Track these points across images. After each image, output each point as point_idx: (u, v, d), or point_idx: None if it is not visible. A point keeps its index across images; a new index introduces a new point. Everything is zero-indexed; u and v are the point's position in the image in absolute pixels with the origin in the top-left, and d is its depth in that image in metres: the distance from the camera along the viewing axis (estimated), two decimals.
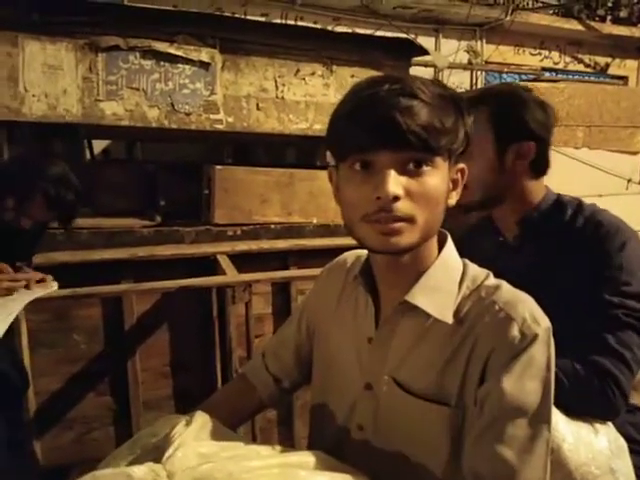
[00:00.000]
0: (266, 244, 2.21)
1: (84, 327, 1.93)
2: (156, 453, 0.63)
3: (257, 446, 0.67)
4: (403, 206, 0.62)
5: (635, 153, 2.68)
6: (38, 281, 1.64)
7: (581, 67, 6.19)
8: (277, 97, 2.27)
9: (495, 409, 0.63)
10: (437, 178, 0.64)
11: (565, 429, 0.80)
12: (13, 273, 1.57)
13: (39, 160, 1.65)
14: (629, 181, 2.72)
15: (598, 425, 0.84)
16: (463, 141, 0.66)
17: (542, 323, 0.65)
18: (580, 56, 6.09)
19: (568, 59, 6.03)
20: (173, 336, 2.05)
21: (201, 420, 0.69)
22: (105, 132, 2.51)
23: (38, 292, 1.58)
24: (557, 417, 0.81)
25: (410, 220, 0.63)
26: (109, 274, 1.91)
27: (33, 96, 1.91)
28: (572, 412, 0.84)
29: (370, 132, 0.61)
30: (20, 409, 1.80)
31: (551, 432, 0.76)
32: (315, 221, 2.34)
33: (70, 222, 1.70)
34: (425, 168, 0.62)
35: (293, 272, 1.94)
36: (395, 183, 0.61)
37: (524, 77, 4.43)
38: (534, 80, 2.91)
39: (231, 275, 1.80)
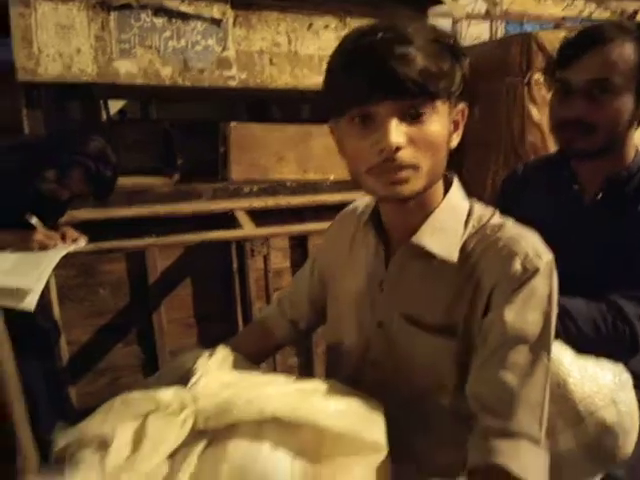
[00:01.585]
0: (283, 200, 2.24)
1: (110, 282, 2.01)
2: (181, 382, 0.68)
3: (275, 375, 0.72)
4: (406, 154, 0.63)
5: None
6: (73, 240, 1.71)
7: (607, 14, 5.92)
8: (290, 52, 2.24)
9: (498, 338, 0.66)
10: (438, 123, 0.64)
11: (571, 364, 0.83)
12: (45, 231, 1.64)
13: (80, 134, 1.69)
14: None
15: (604, 361, 0.87)
16: (460, 82, 0.66)
17: (544, 257, 0.67)
18: (606, 3, 5.82)
19: (594, 6, 5.76)
20: (196, 289, 2.12)
21: (223, 353, 0.74)
22: (120, 91, 2.52)
23: (69, 247, 1.65)
24: (564, 353, 0.85)
25: (414, 167, 0.64)
26: (132, 231, 1.97)
27: (47, 56, 1.92)
28: (582, 350, 0.87)
29: (367, 84, 0.61)
30: (54, 358, 1.91)
31: (557, 367, 0.81)
32: (332, 177, 2.35)
33: (106, 198, 1.76)
34: (425, 114, 0.63)
35: (310, 226, 1.97)
36: (397, 133, 0.62)
37: (545, 26, 4.27)
38: (555, 27, 2.81)
39: (249, 229, 1.84)
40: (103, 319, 2.04)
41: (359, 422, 0.62)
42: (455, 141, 0.70)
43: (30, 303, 1.44)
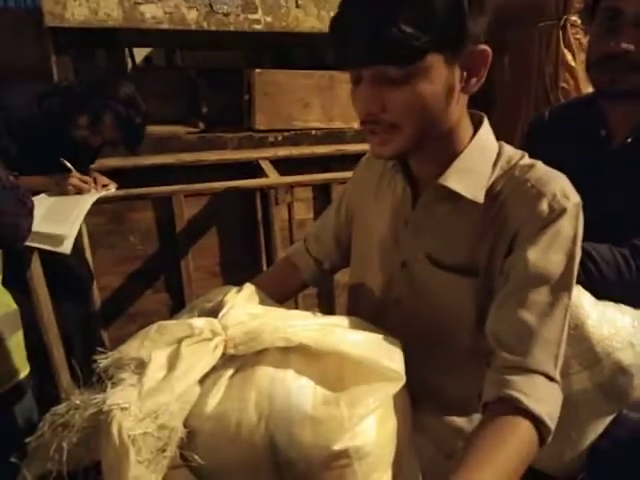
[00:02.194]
0: (307, 149, 2.23)
1: (139, 229, 2.06)
2: (211, 315, 0.71)
3: (299, 311, 0.75)
4: (386, 117, 0.65)
5: None
6: (103, 185, 1.75)
7: None
8: None
9: (520, 277, 0.67)
10: (424, 82, 0.62)
11: (591, 307, 0.84)
12: (79, 175, 1.69)
13: (111, 80, 1.71)
14: None
15: (624, 306, 0.88)
16: (463, 27, 0.61)
17: (572, 198, 0.67)
18: None
19: None
20: (222, 238, 2.16)
21: (250, 289, 0.78)
22: (145, 38, 2.49)
23: (101, 192, 1.71)
24: (584, 296, 0.85)
25: (395, 127, 0.66)
26: (159, 179, 2.00)
27: (74, 1, 1.91)
28: (605, 297, 0.87)
29: (344, 50, 0.63)
30: (88, 303, 2.00)
31: (575, 309, 0.82)
32: (356, 126, 2.33)
33: (137, 146, 1.79)
34: (411, 74, 0.62)
35: (335, 175, 1.97)
36: (372, 99, 0.64)
37: None
38: None
39: (273, 177, 1.86)
40: (133, 266, 2.10)
41: (379, 352, 0.65)
42: (474, 86, 0.68)
43: (67, 247, 1.50)
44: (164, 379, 0.60)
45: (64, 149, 1.69)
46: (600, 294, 0.86)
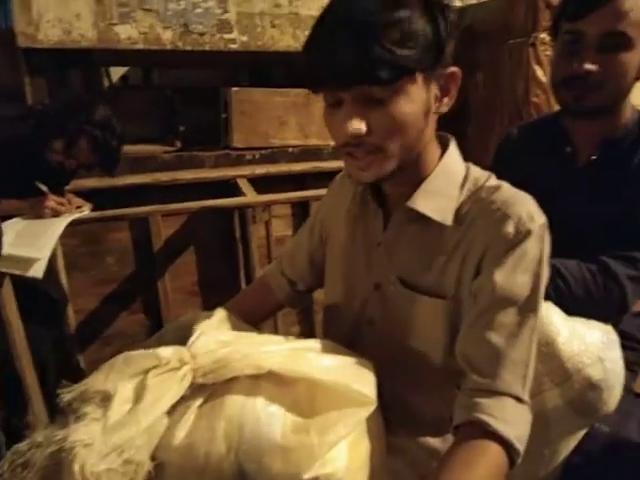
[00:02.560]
0: (284, 167, 2.24)
1: (115, 250, 2.04)
2: (181, 342, 0.70)
3: (271, 335, 0.75)
4: (369, 140, 0.64)
5: None
6: (77, 207, 1.73)
7: None
8: (291, 13, 2.20)
9: (487, 299, 0.67)
10: (404, 102, 0.63)
11: (561, 324, 0.85)
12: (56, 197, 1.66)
13: (86, 103, 1.69)
14: None
15: (593, 321, 0.89)
16: (440, 49, 0.63)
17: (537, 220, 0.68)
18: None
19: None
20: (199, 257, 2.15)
21: (221, 314, 0.77)
22: (121, 58, 2.49)
23: (75, 214, 1.68)
24: (554, 313, 0.86)
25: (380, 151, 0.65)
26: (135, 199, 1.98)
27: (47, 22, 1.90)
28: (574, 313, 0.88)
29: (323, 73, 0.62)
30: (62, 326, 1.96)
31: (546, 327, 0.83)
32: (332, 143, 2.34)
33: (113, 169, 1.76)
34: (390, 96, 0.62)
35: (311, 192, 1.98)
36: (356, 121, 0.62)
37: None
38: None
39: (251, 196, 1.85)
40: (109, 287, 2.07)
41: (350, 376, 0.65)
42: (446, 106, 0.69)
43: (38, 271, 1.47)
44: (130, 412, 0.59)
45: (39, 172, 1.67)
46: (569, 310, 0.87)
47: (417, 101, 0.64)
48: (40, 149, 1.62)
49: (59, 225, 1.60)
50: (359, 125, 0.62)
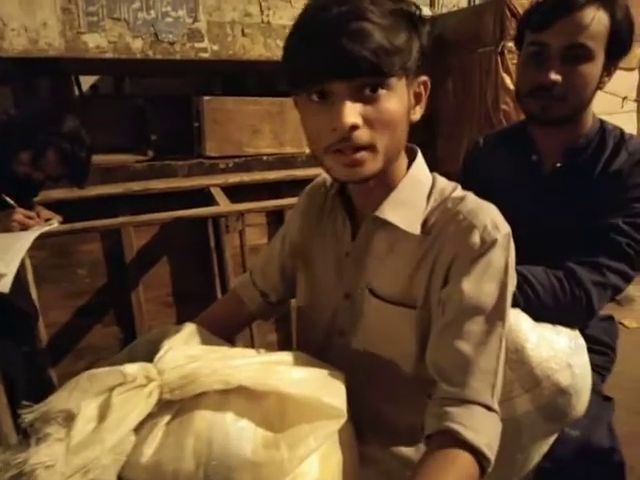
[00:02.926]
0: (258, 175, 2.23)
1: (86, 262, 2.00)
2: (149, 358, 0.69)
3: (242, 349, 0.74)
4: (362, 134, 0.63)
5: (631, 69, 2.62)
6: (46, 220, 1.69)
7: None
8: (263, 22, 2.21)
9: (455, 308, 0.68)
10: (394, 100, 0.64)
11: (530, 331, 0.86)
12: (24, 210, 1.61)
13: (54, 114, 1.65)
14: (624, 99, 2.68)
15: (560, 327, 0.90)
16: (419, 55, 0.66)
17: (502, 229, 0.69)
18: None
19: None
20: (173, 267, 2.12)
21: (190, 328, 0.76)
22: (90, 67, 2.46)
23: (43, 227, 1.64)
24: (522, 320, 0.88)
25: (371, 147, 0.65)
26: (106, 210, 1.96)
27: (12, 30, 1.87)
28: (541, 319, 0.90)
29: (320, 63, 0.61)
30: (33, 340, 1.91)
31: (515, 333, 0.84)
32: (307, 150, 2.35)
33: (82, 182, 1.72)
34: (381, 92, 0.63)
35: (285, 201, 1.97)
36: (351, 113, 0.61)
37: None
38: None
39: (224, 205, 1.84)
40: (81, 300, 2.03)
41: (320, 389, 0.64)
42: (418, 114, 0.71)
43: (4, 286, 1.43)
44: (94, 431, 0.57)
45: (5, 184, 1.62)
46: (537, 316, 0.88)
47: (403, 101, 0.66)
48: (6, 162, 1.57)
49: (27, 239, 1.56)
50: (355, 118, 0.62)
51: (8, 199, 1.61)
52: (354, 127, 0.62)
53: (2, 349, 1.64)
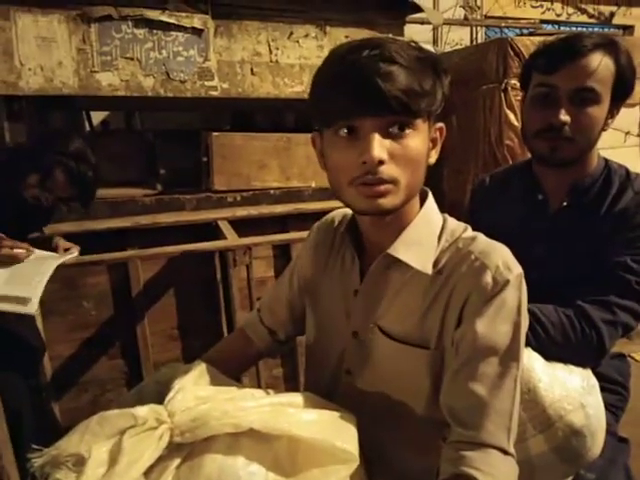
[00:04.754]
0: (265, 209, 2.25)
1: (93, 294, 2.00)
2: (159, 398, 0.69)
3: (251, 390, 0.73)
4: (387, 169, 0.65)
5: (633, 105, 2.65)
6: (65, 250, 1.71)
7: (585, 18, 6.01)
8: (271, 61, 2.26)
9: (469, 349, 0.68)
10: (418, 140, 0.67)
11: (542, 371, 0.86)
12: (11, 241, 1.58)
13: (59, 136, 1.68)
14: (627, 134, 2.71)
15: (572, 366, 0.90)
16: (441, 101, 0.68)
17: (514, 270, 0.69)
18: (584, 6, 5.91)
19: (571, 10, 5.86)
20: (179, 301, 2.12)
21: (200, 368, 0.76)
22: (102, 103, 2.52)
23: (65, 256, 1.68)
24: (535, 359, 0.87)
25: (394, 182, 0.66)
26: (114, 243, 1.96)
27: (29, 70, 1.92)
28: (553, 358, 0.89)
29: (354, 99, 0.63)
30: (38, 373, 1.90)
31: (528, 373, 0.83)
32: (314, 184, 2.37)
33: (90, 201, 1.74)
34: (407, 131, 0.65)
35: (292, 235, 1.98)
36: (379, 147, 0.64)
37: (524, 31, 4.34)
38: (530, 34, 2.86)
39: (232, 239, 1.85)
40: (87, 332, 2.02)
41: (332, 432, 0.64)
42: (433, 158, 0.73)
43: (32, 308, 1.48)
44: (105, 475, 0.57)
45: (14, 212, 1.64)
46: (548, 355, 0.88)
47: (425, 142, 0.69)
48: (15, 187, 1.59)
49: (49, 266, 1.59)
50: (383, 153, 0.64)
51: None
52: (382, 161, 0.64)
53: (8, 382, 1.63)
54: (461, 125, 2.49)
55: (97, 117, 3.21)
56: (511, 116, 2.30)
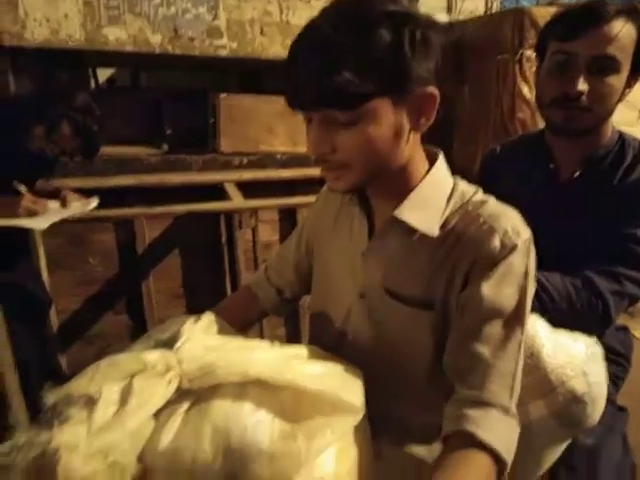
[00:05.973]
0: (272, 173, 2.24)
1: (99, 251, 2.02)
2: (167, 346, 0.69)
3: (258, 341, 0.74)
4: (336, 157, 0.66)
5: None
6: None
7: None
8: (281, 21, 2.22)
9: (474, 312, 0.68)
10: (373, 125, 0.64)
11: (546, 337, 0.86)
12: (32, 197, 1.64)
13: (65, 89, 1.68)
14: None
15: (577, 334, 0.90)
16: (409, 70, 0.63)
17: (523, 234, 0.69)
18: None
19: None
20: (184, 260, 2.14)
21: (209, 318, 0.76)
22: (109, 59, 2.48)
23: (88, 205, 1.74)
24: (540, 326, 0.88)
25: (345, 167, 0.67)
26: (120, 201, 1.97)
27: (34, 20, 1.88)
28: (558, 326, 0.90)
29: (292, 94, 0.64)
30: (45, 326, 1.93)
31: (531, 338, 0.84)
32: None
33: (94, 154, 1.76)
34: (359, 117, 0.63)
35: (298, 199, 1.98)
36: (320, 142, 0.65)
37: (542, 1, 4.22)
38: (548, 4, 2.78)
39: (238, 201, 1.85)
40: (92, 288, 2.05)
41: (337, 384, 0.65)
42: (423, 126, 0.69)
43: (41, 225, 1.56)
44: (115, 415, 0.58)
45: (19, 163, 1.65)
46: (553, 322, 0.88)
47: (384, 124, 0.65)
48: (20, 138, 1.59)
49: (71, 210, 1.68)
50: (322, 147, 0.66)
51: (18, 185, 1.63)
52: (324, 154, 0.65)
53: (16, 333, 1.66)
54: (473, 96, 2.45)
55: (103, 75, 3.16)
56: (525, 88, 2.26)
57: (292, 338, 2.27)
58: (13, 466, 0.53)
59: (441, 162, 0.76)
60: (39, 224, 1.58)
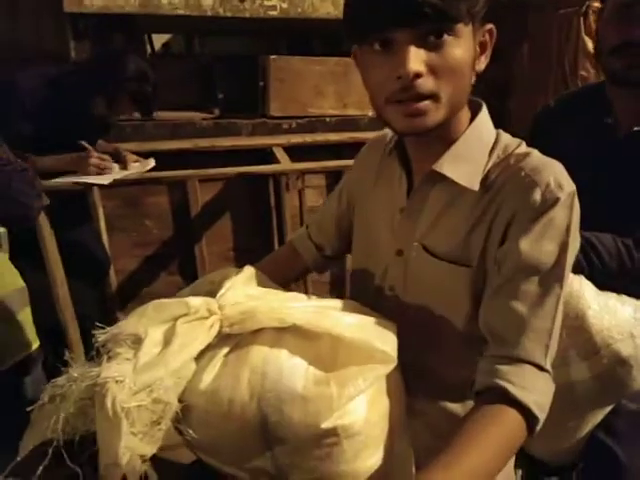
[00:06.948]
0: (320, 137, 2.23)
1: (154, 214, 2.10)
2: (211, 295, 0.73)
3: (297, 293, 0.76)
4: (425, 83, 0.62)
5: None
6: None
7: None
8: None
9: (512, 267, 0.66)
10: (460, 47, 0.62)
11: (592, 298, 0.84)
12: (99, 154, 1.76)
13: (120, 57, 1.74)
14: None
15: (625, 297, 0.87)
16: (486, 2, 0.63)
17: (566, 188, 0.66)
18: None
19: None
20: (235, 223, 2.18)
21: (250, 271, 0.79)
22: (163, 24, 2.52)
23: (148, 163, 1.89)
24: (586, 287, 0.85)
25: (434, 97, 0.63)
26: (174, 164, 2.03)
27: None
28: (606, 287, 0.86)
29: (384, 11, 0.60)
30: (105, 284, 2.05)
31: (577, 300, 0.82)
32: (370, 113, 2.32)
33: (151, 113, 1.90)
34: (446, 39, 0.61)
35: (345, 162, 1.97)
36: (415, 60, 0.60)
37: None
38: None
39: (285, 163, 1.87)
40: (148, 249, 2.14)
41: (372, 334, 0.66)
42: (483, 64, 0.68)
43: (105, 181, 1.72)
44: (159, 355, 0.62)
45: (79, 127, 1.75)
46: (602, 284, 0.85)
47: (469, 49, 0.64)
48: (82, 106, 1.69)
49: (133, 171, 1.82)
50: (419, 65, 0.61)
51: (85, 144, 1.72)
52: (418, 75, 0.61)
53: (79, 290, 1.77)
54: (533, 53, 2.32)
55: (158, 41, 3.22)
56: (589, 44, 2.12)
57: (336, 285, 2.29)
58: (67, 395, 0.58)
59: (484, 113, 0.74)
60: (102, 180, 1.70)
